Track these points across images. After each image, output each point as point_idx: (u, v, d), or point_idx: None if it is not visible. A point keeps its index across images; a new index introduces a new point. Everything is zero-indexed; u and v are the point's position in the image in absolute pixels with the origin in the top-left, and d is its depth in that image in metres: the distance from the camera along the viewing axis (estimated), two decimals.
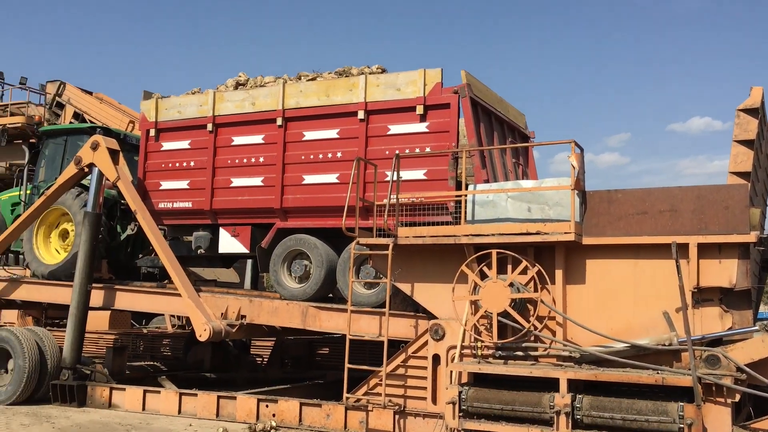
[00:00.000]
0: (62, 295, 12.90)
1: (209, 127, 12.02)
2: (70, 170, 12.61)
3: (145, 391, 11.16)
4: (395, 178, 9.50)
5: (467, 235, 8.95)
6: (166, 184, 12.48)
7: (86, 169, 12.45)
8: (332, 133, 11.04)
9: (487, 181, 9.80)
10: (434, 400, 9.19)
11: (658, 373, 7.84)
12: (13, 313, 19.05)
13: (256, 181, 11.60)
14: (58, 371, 11.63)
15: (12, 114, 18.81)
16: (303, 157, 11.23)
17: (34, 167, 14.72)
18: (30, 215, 13.09)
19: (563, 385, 7.96)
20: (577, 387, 8.09)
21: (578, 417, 7.89)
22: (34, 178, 14.50)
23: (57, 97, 19.41)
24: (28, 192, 14.38)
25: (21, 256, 18.67)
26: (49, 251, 13.62)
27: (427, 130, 10.38)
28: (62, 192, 12.89)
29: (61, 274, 13.03)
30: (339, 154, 10.96)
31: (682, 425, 7.41)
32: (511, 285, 8.63)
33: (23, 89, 20.07)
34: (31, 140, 17.09)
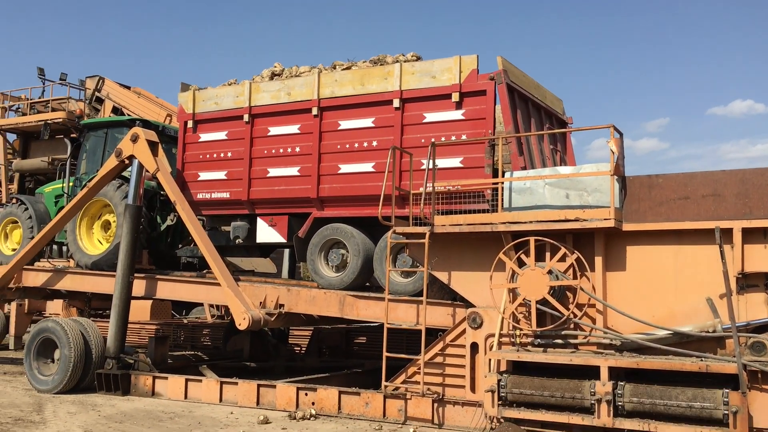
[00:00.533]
0: (105, 284, 13.15)
1: (246, 117, 12.11)
2: (111, 162, 12.82)
3: (186, 380, 11.30)
4: (431, 166, 9.47)
5: (504, 223, 8.88)
6: (204, 175, 12.62)
7: (126, 161, 12.65)
8: (368, 122, 11.03)
9: (524, 168, 9.70)
10: (473, 389, 9.16)
11: (701, 360, 7.70)
12: (59, 304, 19.54)
13: (293, 171, 11.66)
14: (103, 360, 11.86)
15: (53, 110, 19.21)
16: (339, 147, 11.25)
17: (75, 160, 15.01)
18: (73, 207, 13.34)
19: (604, 373, 7.88)
20: (618, 375, 8.00)
21: (620, 405, 7.80)
22: (76, 171, 14.79)
23: (96, 92, 19.76)
24: (71, 184, 14.66)
25: (65, 248, 19.15)
26: (92, 242, 13.88)
27: (463, 118, 10.31)
28: (104, 184, 13.11)
29: (104, 264, 13.28)
30: (375, 143, 10.95)
31: (727, 413, 7.29)
32: (550, 272, 8.55)
33: (63, 85, 20.44)
34: (72, 135, 17.42)
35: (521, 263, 8.85)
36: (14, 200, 15.65)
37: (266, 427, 9.01)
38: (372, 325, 15.63)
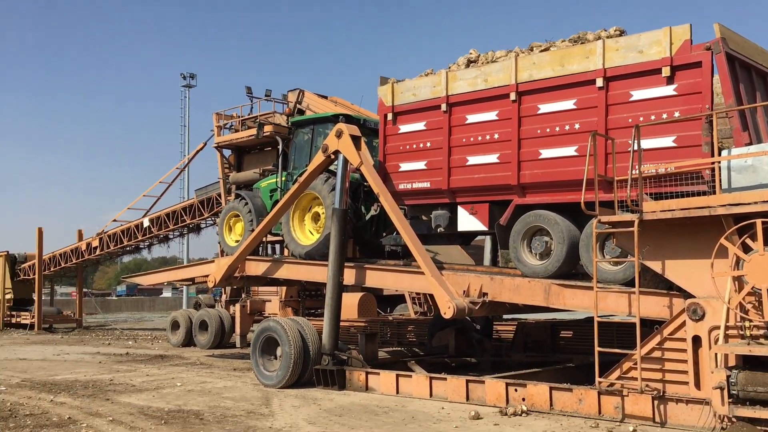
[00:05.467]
0: (318, 273, 13.89)
1: (443, 107, 12.17)
2: (318, 158, 13.48)
3: (397, 376, 11.48)
4: (636, 148, 8.92)
5: (724, 206, 8.15)
6: (404, 166, 12.88)
7: (332, 156, 13.24)
8: (569, 104, 10.62)
9: (749, 144, 8.81)
10: (697, 385, 8.52)
11: None
12: (276, 304, 21.19)
13: (492, 158, 11.54)
14: (319, 357, 12.40)
15: (260, 126, 20.68)
16: (539, 131, 10.95)
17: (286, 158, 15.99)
18: (286, 201, 14.23)
19: None
20: None
21: None
22: (287, 166, 15.77)
23: (297, 105, 20.95)
24: (283, 179, 15.67)
25: (277, 246, 20.69)
26: (304, 233, 14.71)
27: (675, 93, 9.59)
28: (313, 178, 13.83)
29: (316, 253, 14.03)
30: (577, 126, 10.53)
31: None
32: None
33: (269, 101, 22.01)
34: (278, 147, 18.60)
35: (746, 248, 8.08)
36: (236, 196, 17.05)
37: (478, 423, 9.01)
38: (578, 319, 15.16)
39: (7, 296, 33.64)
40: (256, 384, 12.84)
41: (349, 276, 13.31)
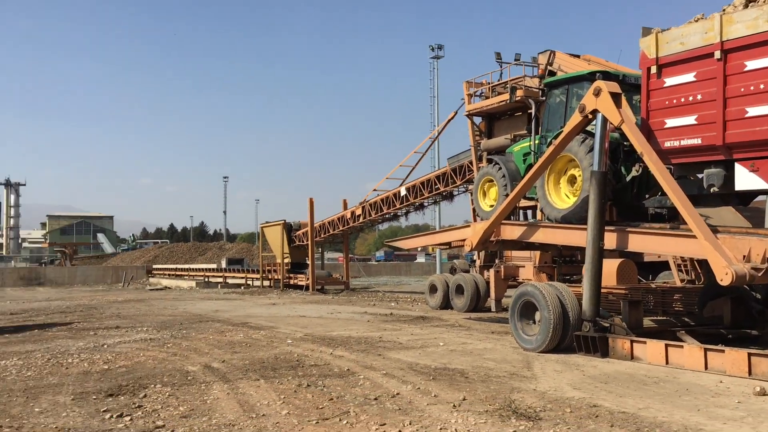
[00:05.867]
0: (576, 237, 13.51)
1: (717, 54, 11.04)
2: (575, 118, 13.00)
3: (666, 345, 10.85)
4: None
5: None
6: (671, 122, 11.96)
7: (590, 116, 12.71)
8: None
9: None
10: None
11: None
12: (529, 270, 21.09)
13: None
14: (579, 323, 12.08)
15: (512, 89, 20.47)
16: None
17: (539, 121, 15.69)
18: (541, 164, 13.97)
19: None
20: None
21: None
22: (541, 129, 15.47)
23: (548, 66, 20.37)
24: (537, 142, 15.41)
25: (529, 212, 20.55)
26: (560, 196, 14.36)
27: None
28: (569, 140, 13.39)
29: (572, 217, 13.66)
30: None
31: None
32: None
33: (518, 65, 21.72)
34: (529, 110, 18.28)
35: None
36: (489, 161, 17.17)
37: (765, 399, 8.17)
38: None
39: (286, 260, 37.49)
40: (515, 347, 12.92)
41: (609, 240, 12.74)
